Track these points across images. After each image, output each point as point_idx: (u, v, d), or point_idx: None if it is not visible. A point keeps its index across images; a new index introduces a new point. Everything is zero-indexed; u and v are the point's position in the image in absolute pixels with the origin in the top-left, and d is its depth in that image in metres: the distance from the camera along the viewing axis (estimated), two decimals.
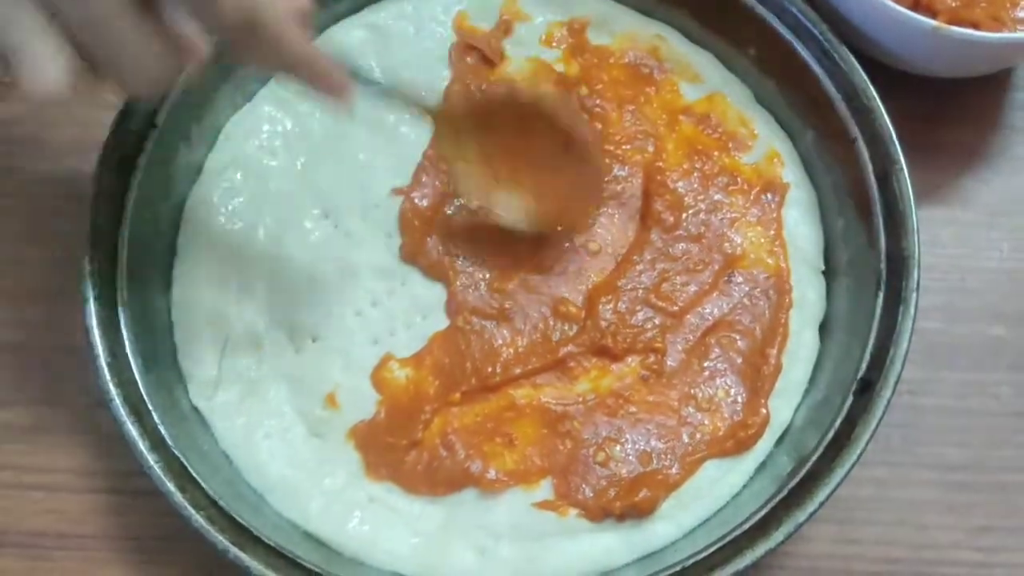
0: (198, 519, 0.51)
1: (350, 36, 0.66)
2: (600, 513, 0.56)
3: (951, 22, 0.63)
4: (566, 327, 0.60)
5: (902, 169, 0.59)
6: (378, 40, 0.67)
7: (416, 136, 0.64)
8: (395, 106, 0.61)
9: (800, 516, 0.52)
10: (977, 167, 0.70)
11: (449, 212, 0.62)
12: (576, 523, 0.56)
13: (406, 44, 0.67)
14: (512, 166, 0.60)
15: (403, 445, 0.57)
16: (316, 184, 0.63)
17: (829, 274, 0.63)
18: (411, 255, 0.61)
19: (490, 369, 0.59)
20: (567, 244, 0.62)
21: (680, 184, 0.64)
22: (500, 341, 0.60)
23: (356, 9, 0.68)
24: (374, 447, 0.58)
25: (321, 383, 0.59)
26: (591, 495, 0.57)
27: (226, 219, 0.62)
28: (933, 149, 0.70)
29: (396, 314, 0.61)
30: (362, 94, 0.53)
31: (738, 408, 0.59)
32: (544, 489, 0.57)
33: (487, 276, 0.61)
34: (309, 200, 0.63)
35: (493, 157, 0.60)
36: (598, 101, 0.65)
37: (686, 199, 0.64)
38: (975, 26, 0.63)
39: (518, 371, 0.59)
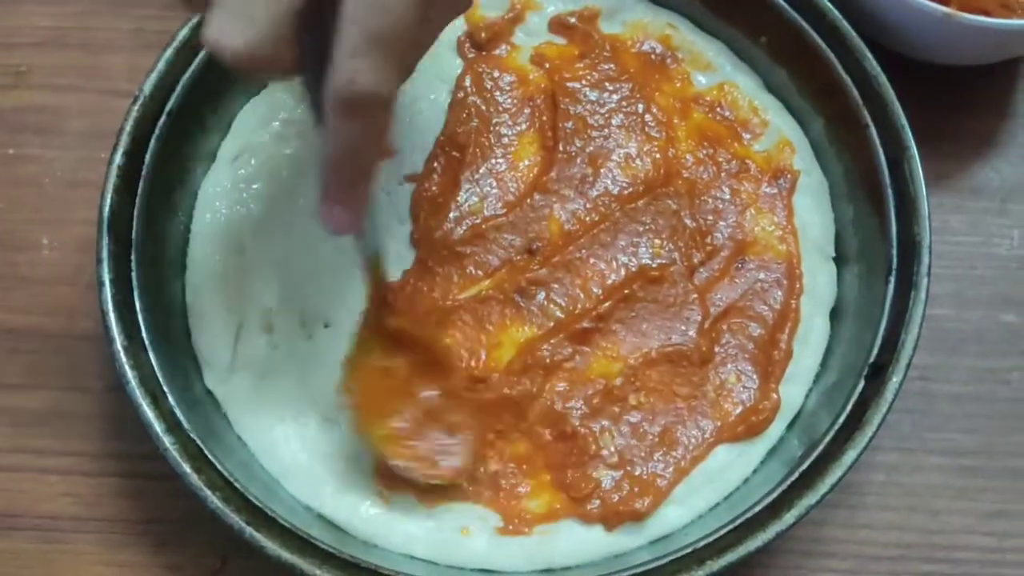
0: (214, 500, 0.52)
1: None
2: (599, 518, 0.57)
3: (962, 10, 0.63)
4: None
5: (913, 155, 0.59)
6: None
7: (428, 123, 0.64)
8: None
9: (811, 498, 0.52)
10: (988, 155, 0.70)
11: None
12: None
13: None
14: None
15: None
16: None
17: (840, 261, 0.63)
18: (422, 241, 0.62)
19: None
20: None
21: (691, 172, 0.64)
22: None
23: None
24: None
25: (334, 368, 0.59)
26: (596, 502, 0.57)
27: (239, 205, 0.62)
28: (944, 137, 0.70)
29: None
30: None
31: (749, 393, 0.59)
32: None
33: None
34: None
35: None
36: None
37: (697, 186, 0.64)
38: (986, 14, 0.63)
39: None
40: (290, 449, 0.58)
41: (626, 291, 0.60)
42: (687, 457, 0.58)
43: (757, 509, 0.53)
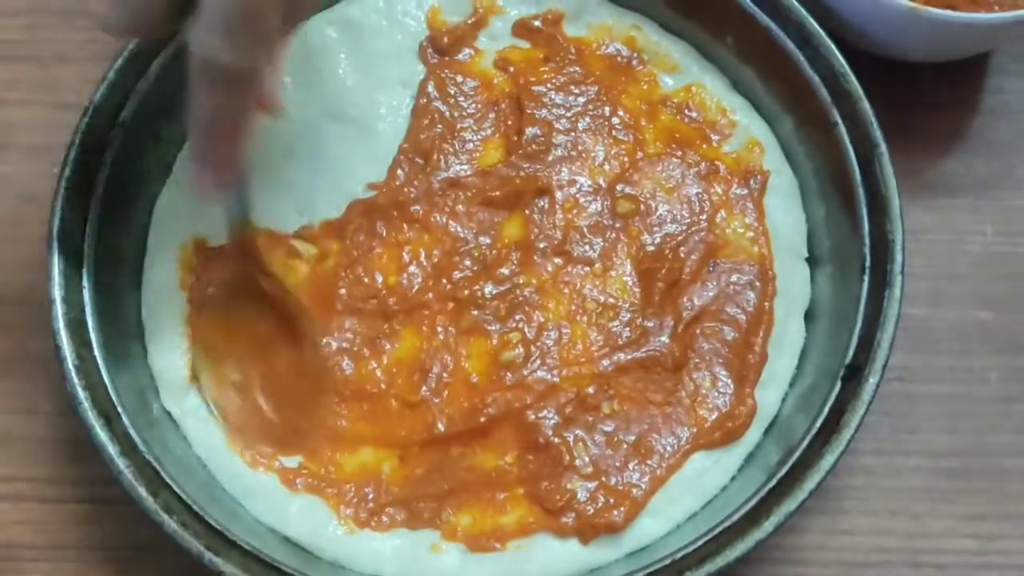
0: (171, 524, 0.50)
1: (322, 33, 0.65)
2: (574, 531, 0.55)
3: (928, 4, 0.62)
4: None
5: (883, 152, 0.58)
6: (350, 35, 0.65)
7: (391, 130, 0.63)
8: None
9: (791, 505, 0.51)
10: (958, 152, 0.70)
11: None
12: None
13: (379, 39, 0.65)
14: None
15: None
16: (291, 182, 0.62)
17: (812, 261, 0.62)
18: None
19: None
20: None
21: None
22: None
23: (327, 5, 0.66)
24: None
25: None
26: (571, 514, 0.55)
27: (197, 220, 0.61)
28: (913, 135, 0.69)
29: None
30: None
31: (725, 399, 0.58)
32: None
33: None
34: (284, 198, 0.62)
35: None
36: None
37: None
38: (952, 8, 0.63)
39: None
40: (252, 469, 0.56)
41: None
42: (663, 466, 0.56)
43: (736, 518, 0.52)
